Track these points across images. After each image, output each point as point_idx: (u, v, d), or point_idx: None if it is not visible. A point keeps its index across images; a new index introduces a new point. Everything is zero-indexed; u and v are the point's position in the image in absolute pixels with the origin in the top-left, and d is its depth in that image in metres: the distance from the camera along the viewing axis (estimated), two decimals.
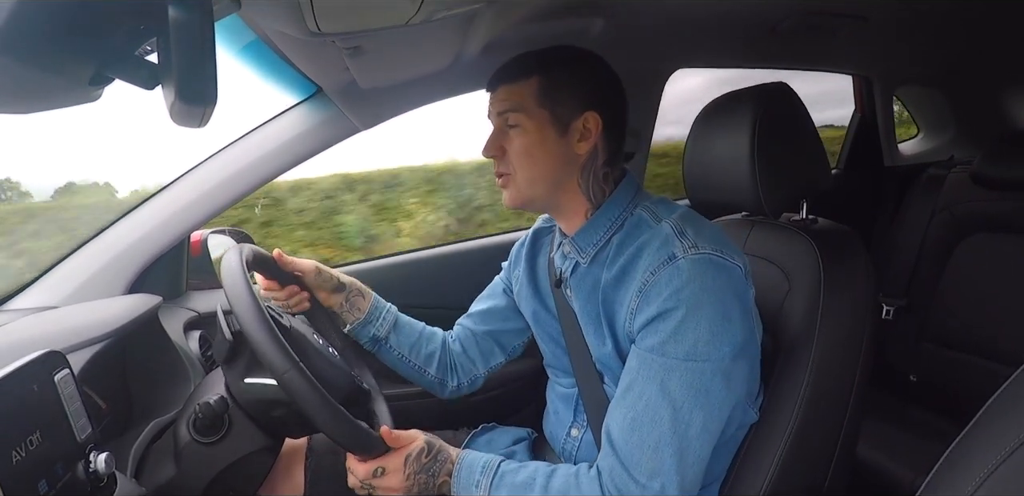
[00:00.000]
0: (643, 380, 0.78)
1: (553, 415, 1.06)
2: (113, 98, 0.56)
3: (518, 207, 0.93)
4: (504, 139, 0.90)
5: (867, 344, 0.94)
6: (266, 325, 0.74)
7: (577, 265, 0.94)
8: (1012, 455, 0.46)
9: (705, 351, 0.76)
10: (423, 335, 1.15)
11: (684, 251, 0.78)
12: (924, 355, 1.72)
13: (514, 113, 0.88)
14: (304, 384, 0.73)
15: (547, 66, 0.88)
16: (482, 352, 1.17)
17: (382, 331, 1.10)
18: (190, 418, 0.84)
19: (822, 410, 0.91)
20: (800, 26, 1.43)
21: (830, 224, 1.04)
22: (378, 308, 1.11)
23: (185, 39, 0.44)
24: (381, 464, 0.84)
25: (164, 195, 1.25)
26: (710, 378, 0.76)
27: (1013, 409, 0.49)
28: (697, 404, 0.76)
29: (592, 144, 0.88)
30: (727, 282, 0.78)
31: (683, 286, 0.76)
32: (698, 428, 0.76)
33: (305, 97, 1.30)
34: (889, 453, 1.47)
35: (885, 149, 2.11)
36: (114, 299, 1.14)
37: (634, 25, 1.26)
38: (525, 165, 0.88)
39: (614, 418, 0.81)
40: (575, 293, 0.95)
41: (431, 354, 1.14)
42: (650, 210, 0.88)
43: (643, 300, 0.79)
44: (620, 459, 0.77)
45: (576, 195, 0.91)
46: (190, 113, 0.49)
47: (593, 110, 0.87)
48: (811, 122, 1.02)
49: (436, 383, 1.15)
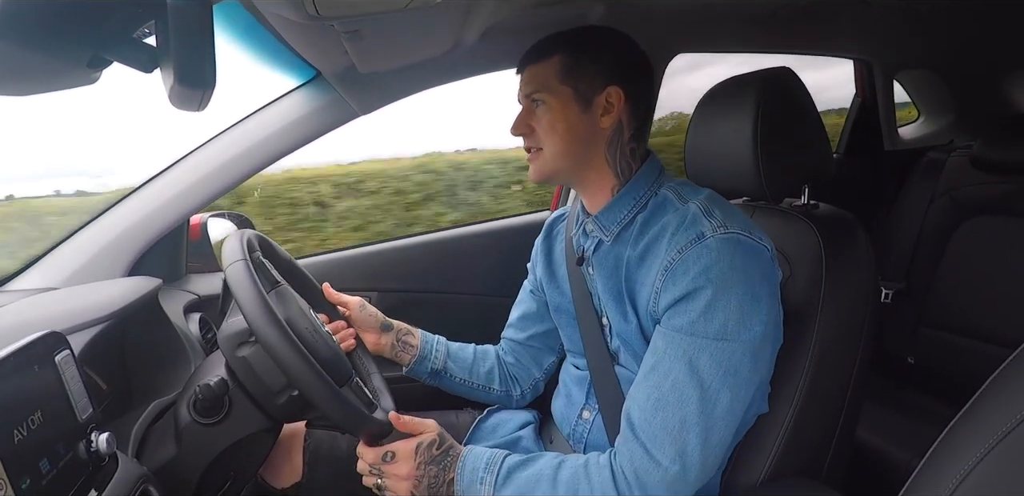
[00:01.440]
0: (670, 359, 0.78)
1: (565, 397, 1.06)
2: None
3: (543, 180, 0.95)
4: (531, 118, 0.92)
5: (867, 328, 0.94)
6: (287, 338, 0.75)
7: (600, 243, 0.95)
8: (1006, 438, 0.47)
9: (735, 330, 0.76)
10: (476, 356, 1.19)
11: (713, 230, 0.79)
12: (922, 339, 1.73)
13: (538, 92, 0.90)
14: (308, 371, 0.75)
15: (568, 45, 0.91)
16: (533, 357, 1.20)
17: (439, 363, 1.13)
18: (190, 399, 0.85)
19: (823, 394, 0.91)
20: (801, 11, 1.42)
21: (831, 209, 1.05)
22: (428, 341, 1.15)
23: (183, 22, 0.44)
24: (391, 449, 0.84)
25: (164, 178, 1.25)
26: (740, 358, 0.76)
27: (1008, 392, 0.50)
28: (726, 383, 0.76)
29: (616, 118, 0.90)
30: (756, 262, 0.79)
31: (712, 264, 0.76)
32: (724, 408, 0.76)
33: (304, 81, 1.29)
34: (886, 436, 1.48)
35: (886, 133, 2.11)
36: (114, 281, 1.14)
37: (633, 10, 1.25)
38: (551, 140, 0.90)
39: (636, 400, 0.80)
40: (597, 271, 0.95)
41: (490, 371, 1.18)
42: (675, 191, 0.90)
43: (669, 279, 0.79)
44: (641, 441, 0.77)
45: (603, 171, 0.93)
46: (189, 96, 0.49)
47: (615, 85, 0.89)
48: (814, 107, 1.01)
49: (503, 395, 1.19)
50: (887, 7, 1.48)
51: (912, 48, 1.96)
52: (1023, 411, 0.46)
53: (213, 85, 0.49)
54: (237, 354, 0.85)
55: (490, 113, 2.53)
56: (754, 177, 0.96)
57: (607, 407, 0.94)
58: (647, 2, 1.25)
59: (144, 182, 1.26)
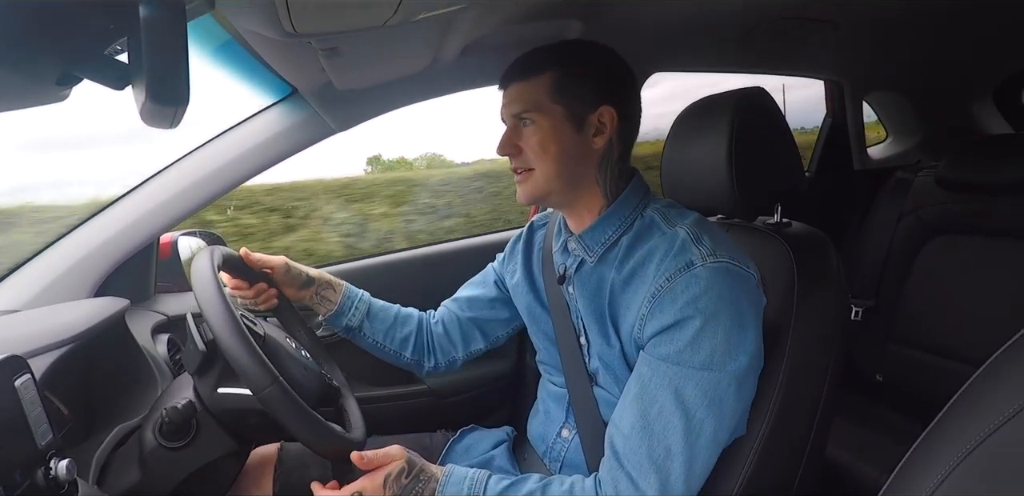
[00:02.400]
0: (655, 388, 0.77)
1: (544, 414, 1.05)
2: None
3: (533, 202, 0.92)
4: (518, 137, 0.89)
5: (838, 346, 0.95)
6: (243, 339, 0.74)
7: (583, 263, 0.93)
8: (972, 453, 0.48)
9: (722, 360, 0.75)
10: (397, 319, 1.15)
11: (703, 259, 0.78)
12: (891, 356, 1.76)
13: (528, 112, 0.87)
14: (284, 398, 0.73)
15: (560, 61, 0.87)
16: (464, 337, 1.17)
17: (355, 320, 1.11)
18: (156, 423, 0.83)
19: (794, 411, 0.92)
20: (774, 31, 1.45)
21: (803, 227, 1.06)
22: (350, 298, 1.11)
23: (156, 39, 0.44)
24: (357, 489, 0.80)
25: (133, 196, 1.23)
26: (726, 387, 0.76)
27: (973, 410, 0.50)
28: (711, 413, 0.76)
29: (608, 138, 0.88)
30: (743, 291, 0.78)
31: (701, 294, 0.76)
32: (708, 438, 0.76)
33: (280, 98, 1.28)
34: (855, 452, 1.49)
35: (855, 153, 2.16)
36: (79, 302, 1.12)
37: (611, 28, 1.27)
38: (543, 161, 0.87)
39: (620, 428, 0.79)
40: (579, 291, 0.94)
41: (406, 338, 1.15)
42: (661, 213, 0.89)
43: (656, 306, 0.78)
44: (627, 471, 0.76)
45: (593, 191, 0.91)
46: (161, 113, 0.48)
47: (608, 104, 0.87)
48: (786, 126, 1.03)
49: (413, 364, 1.17)
50: (856, 30, 1.52)
51: (881, 70, 2.02)
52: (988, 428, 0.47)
53: (187, 102, 0.48)
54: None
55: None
56: (728, 195, 0.97)
57: (585, 426, 0.93)
58: (625, 20, 1.27)
59: (114, 200, 1.23)
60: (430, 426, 1.22)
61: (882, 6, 1.38)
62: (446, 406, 1.55)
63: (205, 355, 0.81)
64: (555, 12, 1.14)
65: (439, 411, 1.54)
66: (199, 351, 0.80)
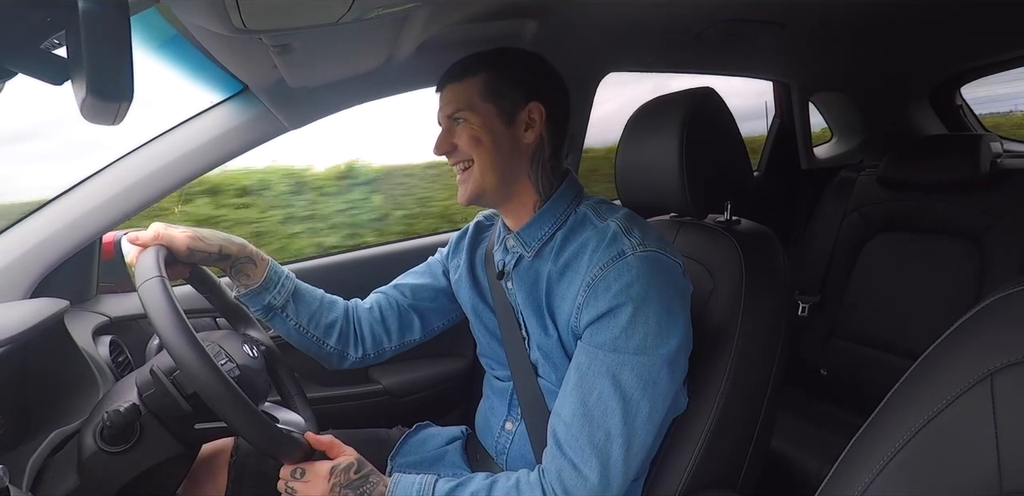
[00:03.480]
0: (593, 375, 0.81)
1: (488, 410, 1.07)
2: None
3: (473, 199, 0.94)
4: (452, 136, 0.93)
5: (783, 340, 0.99)
6: (200, 350, 0.72)
7: (521, 258, 0.96)
8: (907, 445, 0.50)
9: (655, 344, 0.80)
10: (323, 304, 1.09)
11: (633, 248, 0.82)
12: (834, 350, 1.83)
13: (460, 111, 0.91)
14: (224, 390, 0.72)
15: (491, 63, 0.93)
16: (401, 325, 1.13)
17: (279, 300, 1.02)
18: (97, 426, 0.81)
19: (740, 405, 0.95)
20: (723, 33, 1.48)
21: (751, 225, 1.09)
22: (276, 273, 1.03)
23: (97, 33, 0.42)
24: (304, 466, 0.83)
25: (74, 193, 1.18)
26: (658, 369, 0.80)
27: (908, 402, 0.53)
28: (646, 395, 0.80)
29: (538, 133, 0.92)
30: (671, 279, 0.83)
31: (633, 282, 0.80)
32: (644, 418, 0.80)
33: (230, 95, 1.25)
34: (798, 445, 1.55)
35: (802, 152, 2.22)
36: (14, 303, 1.07)
37: (566, 29, 1.28)
38: (477, 152, 0.91)
39: (561, 416, 0.82)
40: (517, 286, 0.96)
41: (331, 324, 1.08)
42: (594, 209, 0.93)
43: (591, 295, 0.82)
44: (568, 458, 0.80)
45: (526, 186, 0.95)
46: (103, 110, 0.47)
47: (536, 100, 0.92)
48: (735, 126, 1.06)
49: (334, 354, 1.10)
50: (801, 31, 1.56)
51: (825, 72, 2.09)
52: (921, 420, 0.50)
53: (130, 98, 0.46)
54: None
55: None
56: (679, 192, 1.00)
57: (531, 417, 0.95)
58: (579, 21, 1.28)
59: (54, 197, 1.18)
60: (386, 425, 1.21)
61: (826, 9, 1.43)
62: (401, 405, 1.54)
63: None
64: (510, 12, 1.14)
65: (395, 411, 1.53)
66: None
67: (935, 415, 0.50)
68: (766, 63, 1.99)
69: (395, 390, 1.54)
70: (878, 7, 1.42)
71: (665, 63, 1.76)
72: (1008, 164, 1.66)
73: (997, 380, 0.47)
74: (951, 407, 0.49)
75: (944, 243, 1.67)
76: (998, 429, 0.45)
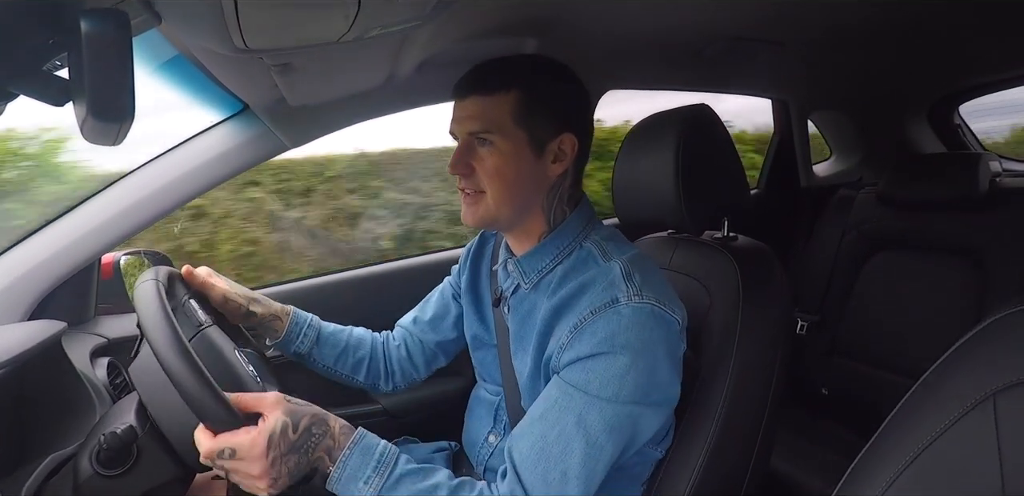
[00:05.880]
0: (559, 410, 0.77)
1: (475, 421, 1.05)
2: None
3: (479, 226, 0.90)
4: (473, 156, 0.85)
5: (782, 359, 0.98)
6: (178, 340, 0.71)
7: (518, 287, 0.93)
8: (911, 465, 0.49)
9: (630, 396, 0.76)
10: (349, 344, 1.12)
11: (628, 297, 0.77)
12: (835, 369, 1.81)
13: (488, 133, 0.82)
14: (183, 359, 0.68)
15: (528, 80, 0.83)
16: (427, 359, 1.17)
17: (304, 347, 1.07)
18: (93, 450, 0.78)
19: (739, 425, 0.93)
20: (723, 51, 1.49)
21: (749, 242, 1.09)
22: (298, 324, 1.07)
23: (100, 55, 0.42)
24: (230, 445, 0.69)
25: (74, 214, 1.18)
26: (626, 419, 0.77)
27: (911, 422, 0.52)
28: (611, 440, 0.76)
29: (566, 167, 0.87)
30: (663, 335, 0.78)
31: (619, 331, 0.76)
32: (606, 462, 0.77)
33: (231, 114, 1.25)
34: (799, 465, 1.52)
35: (801, 170, 2.23)
36: (12, 326, 1.06)
37: (566, 46, 1.29)
38: (496, 186, 0.84)
39: (519, 446, 0.78)
40: (512, 314, 0.95)
41: (358, 362, 1.12)
42: (600, 246, 0.87)
43: (576, 338, 0.78)
44: (525, 488, 0.75)
45: (536, 217, 0.89)
46: (104, 130, 0.47)
47: (569, 131, 0.85)
48: (731, 142, 1.06)
49: (368, 386, 1.14)
50: (800, 49, 1.58)
51: (824, 90, 2.10)
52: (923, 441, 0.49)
53: (131, 118, 0.46)
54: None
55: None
56: (676, 210, 0.99)
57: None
58: (579, 38, 1.29)
59: (53, 217, 1.18)
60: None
61: (826, 29, 1.44)
62: (402, 426, 1.52)
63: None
64: (511, 30, 1.15)
65: (395, 431, 1.51)
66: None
67: (938, 436, 0.49)
68: (765, 81, 2.00)
69: (394, 410, 1.53)
70: (877, 27, 1.44)
71: (665, 80, 1.78)
72: (1007, 183, 1.66)
73: (1000, 400, 0.46)
74: (953, 427, 0.48)
75: (944, 261, 1.67)
76: (1001, 449, 0.45)
